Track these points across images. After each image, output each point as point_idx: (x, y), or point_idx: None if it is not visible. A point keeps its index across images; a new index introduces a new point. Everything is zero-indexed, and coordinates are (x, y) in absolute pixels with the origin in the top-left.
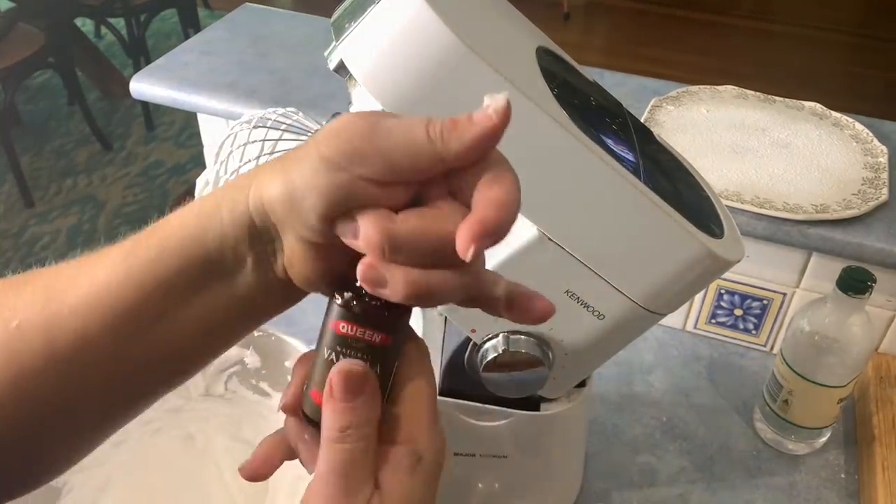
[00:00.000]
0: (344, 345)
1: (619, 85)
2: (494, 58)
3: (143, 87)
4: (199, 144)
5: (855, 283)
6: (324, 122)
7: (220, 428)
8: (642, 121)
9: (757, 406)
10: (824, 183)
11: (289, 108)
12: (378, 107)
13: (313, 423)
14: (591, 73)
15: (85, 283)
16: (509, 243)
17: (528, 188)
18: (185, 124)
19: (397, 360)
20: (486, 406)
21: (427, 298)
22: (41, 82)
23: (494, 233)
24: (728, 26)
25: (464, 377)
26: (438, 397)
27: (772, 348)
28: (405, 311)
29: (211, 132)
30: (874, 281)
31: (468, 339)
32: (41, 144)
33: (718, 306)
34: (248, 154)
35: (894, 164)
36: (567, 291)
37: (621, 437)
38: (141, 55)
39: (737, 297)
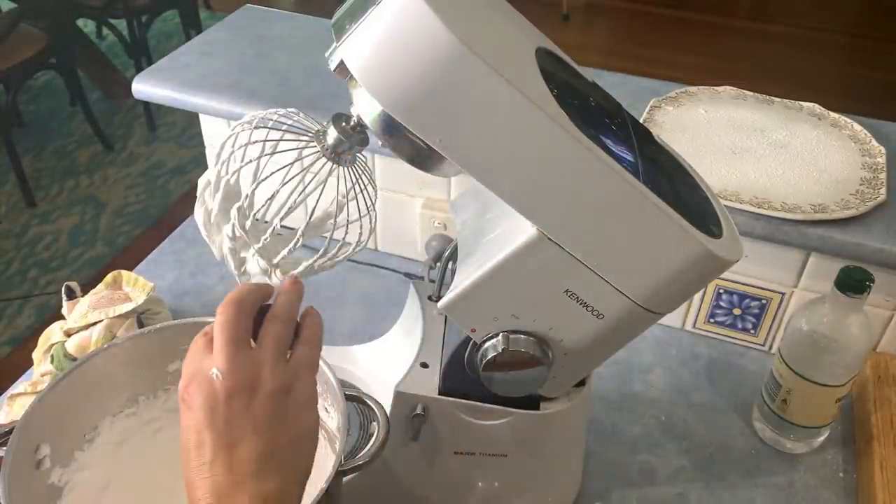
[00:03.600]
0: None
1: (618, 85)
2: (494, 58)
3: (145, 87)
4: (201, 145)
5: (853, 283)
6: (325, 123)
7: None
8: (641, 121)
9: (755, 405)
10: (822, 183)
11: (290, 109)
12: (378, 106)
13: None
14: (591, 73)
15: None
16: (509, 243)
17: (528, 188)
18: (187, 125)
19: None
20: (486, 405)
21: None
22: (43, 83)
23: None
24: (727, 27)
25: (464, 376)
26: (440, 396)
27: (770, 348)
28: None
29: (212, 133)
30: (872, 281)
31: (468, 339)
32: (43, 145)
33: (717, 306)
34: (250, 154)
35: (892, 164)
36: (567, 291)
37: (620, 437)
38: (142, 56)
39: (735, 297)
